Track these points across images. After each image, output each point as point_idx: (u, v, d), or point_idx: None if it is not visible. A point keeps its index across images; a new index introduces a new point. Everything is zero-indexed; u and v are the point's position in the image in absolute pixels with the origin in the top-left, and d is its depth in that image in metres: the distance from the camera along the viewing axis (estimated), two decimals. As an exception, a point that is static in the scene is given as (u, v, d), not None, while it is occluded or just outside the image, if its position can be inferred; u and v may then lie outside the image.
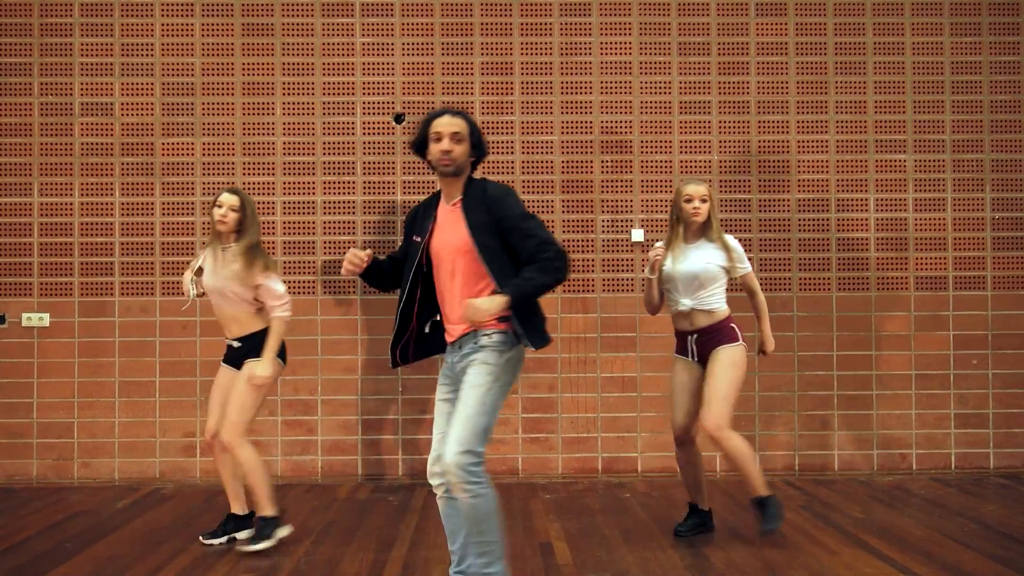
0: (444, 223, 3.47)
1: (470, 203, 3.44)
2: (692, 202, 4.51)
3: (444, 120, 3.44)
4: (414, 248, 3.51)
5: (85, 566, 4.21)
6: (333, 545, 4.55)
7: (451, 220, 3.46)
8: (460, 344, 3.44)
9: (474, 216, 3.40)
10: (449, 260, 3.42)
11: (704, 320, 4.53)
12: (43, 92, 6.15)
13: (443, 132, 3.41)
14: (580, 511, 5.21)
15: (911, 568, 4.09)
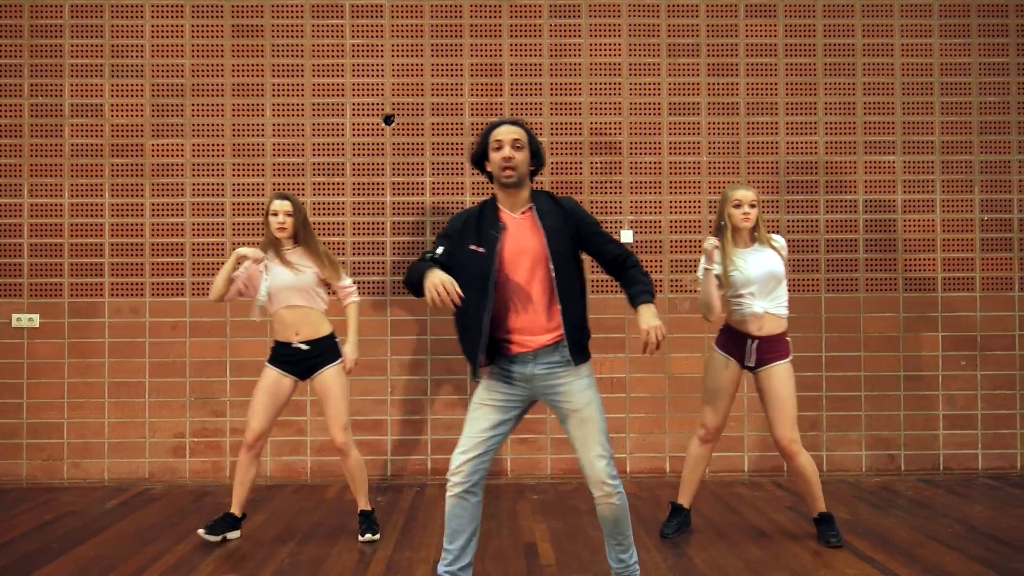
0: (517, 232, 3.45)
1: (542, 210, 3.47)
2: (741, 207, 4.46)
3: (503, 129, 3.47)
4: (478, 258, 3.41)
5: (69, 567, 4.22)
6: (318, 545, 4.56)
7: (525, 228, 3.45)
8: (536, 356, 3.43)
9: (547, 221, 3.44)
10: (527, 269, 3.41)
11: (773, 326, 4.48)
12: (33, 93, 6.17)
13: (504, 140, 3.43)
14: (567, 512, 5.22)
15: (893, 569, 4.10)
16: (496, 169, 3.45)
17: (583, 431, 3.45)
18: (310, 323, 4.60)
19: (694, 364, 6.17)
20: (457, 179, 6.21)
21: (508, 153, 3.41)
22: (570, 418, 3.46)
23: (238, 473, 4.67)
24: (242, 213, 6.14)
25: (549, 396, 3.48)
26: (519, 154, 3.44)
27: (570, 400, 3.44)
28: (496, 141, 3.45)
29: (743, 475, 6.14)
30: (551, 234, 3.42)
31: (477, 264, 3.41)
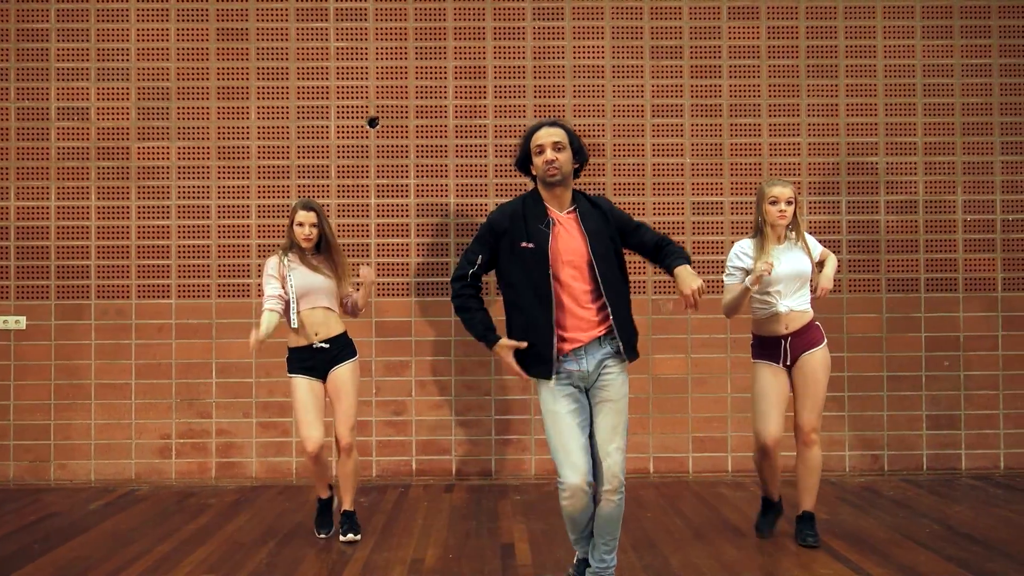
0: (566, 231, 3.50)
1: (584, 212, 3.54)
2: (778, 204, 4.39)
3: (543, 132, 3.51)
4: (530, 254, 3.45)
5: (48, 567, 4.25)
6: (298, 546, 4.59)
7: (572, 228, 3.51)
8: (587, 351, 3.49)
9: (589, 224, 3.51)
10: (574, 268, 3.47)
11: (799, 321, 4.46)
12: (19, 97, 6.21)
13: (545, 143, 3.49)
14: (547, 512, 5.24)
15: (866, 569, 4.12)
16: (541, 172, 3.50)
17: (613, 421, 3.52)
18: (328, 323, 4.64)
19: (678, 365, 6.20)
20: (441, 181, 6.24)
21: (551, 156, 3.47)
22: (604, 407, 3.53)
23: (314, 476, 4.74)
24: (228, 216, 6.18)
25: (598, 385, 3.54)
26: (562, 155, 3.49)
27: (610, 389, 3.52)
28: (537, 146, 3.50)
29: (727, 475, 6.16)
30: (593, 238, 3.49)
31: (530, 260, 3.46)
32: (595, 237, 3.50)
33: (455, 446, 6.16)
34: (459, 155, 6.25)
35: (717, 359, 6.21)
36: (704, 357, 6.23)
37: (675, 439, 6.21)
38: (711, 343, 6.21)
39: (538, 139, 3.50)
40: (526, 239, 3.47)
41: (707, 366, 6.21)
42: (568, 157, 3.51)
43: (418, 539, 4.71)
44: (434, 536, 4.76)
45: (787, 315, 4.43)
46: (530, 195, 3.59)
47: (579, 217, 3.52)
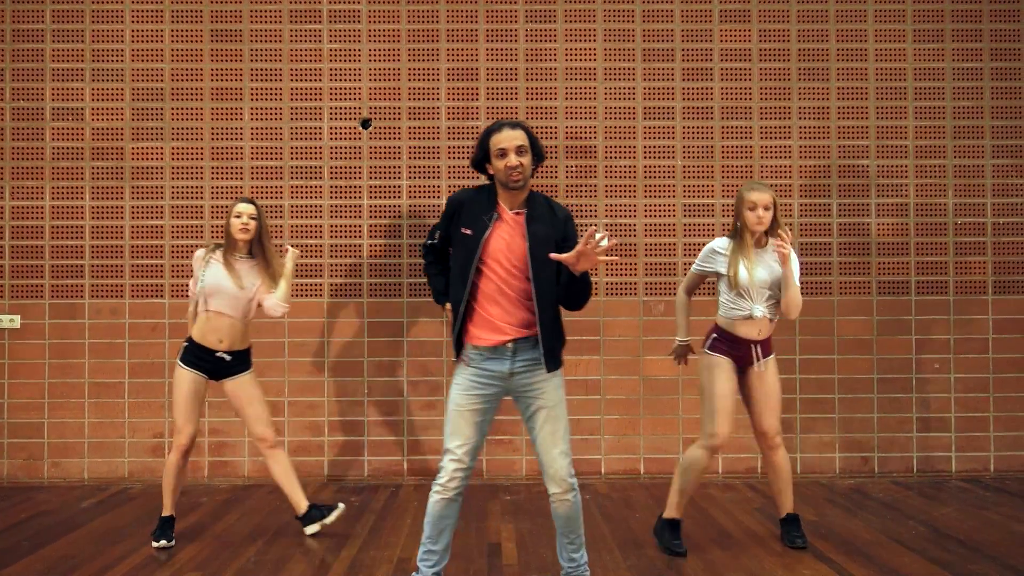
0: (507, 227, 3.50)
1: (533, 215, 3.51)
2: (756, 210, 4.32)
3: (506, 135, 3.46)
4: (467, 241, 3.49)
5: (36, 565, 4.28)
6: (285, 545, 4.61)
7: (515, 228, 3.50)
8: (515, 351, 3.49)
9: (535, 228, 3.48)
10: (510, 265, 3.47)
11: (768, 330, 4.45)
12: (14, 97, 6.24)
13: (508, 147, 3.44)
14: (536, 513, 5.27)
15: (849, 570, 4.14)
16: (503, 176, 3.46)
17: (552, 427, 3.53)
18: (236, 334, 4.62)
19: (668, 366, 6.19)
20: (434, 182, 6.27)
21: (515, 161, 3.43)
22: (539, 414, 3.54)
23: (174, 478, 4.61)
24: (221, 216, 6.20)
25: (523, 392, 3.54)
26: (524, 159, 3.46)
27: (544, 397, 3.52)
28: (499, 149, 3.45)
29: (717, 477, 6.18)
30: (535, 241, 3.46)
31: (465, 247, 3.50)
32: (537, 240, 3.46)
33: (446, 446, 6.18)
34: (451, 156, 6.28)
35: (707, 361, 6.22)
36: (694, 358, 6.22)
37: (665, 440, 6.23)
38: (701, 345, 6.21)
39: (500, 142, 3.45)
40: (467, 226, 3.50)
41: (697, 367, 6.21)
42: (530, 161, 3.49)
43: (406, 539, 4.73)
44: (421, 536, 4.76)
45: (760, 320, 4.41)
46: (489, 187, 3.59)
47: (526, 219, 3.50)
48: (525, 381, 3.52)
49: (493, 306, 3.48)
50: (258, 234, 4.63)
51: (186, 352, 4.62)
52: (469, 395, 3.51)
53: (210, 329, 4.58)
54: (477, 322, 3.50)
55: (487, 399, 3.53)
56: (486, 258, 3.47)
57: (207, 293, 4.55)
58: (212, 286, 4.54)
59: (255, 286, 4.59)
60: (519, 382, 3.52)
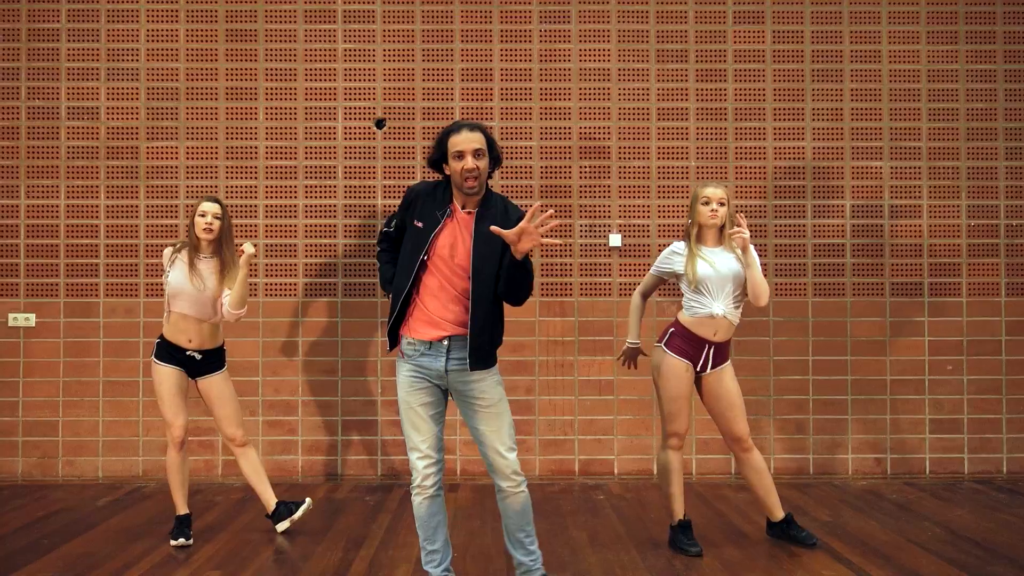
0: (456, 226, 3.51)
1: (484, 214, 3.50)
2: (710, 204, 4.37)
3: (464, 137, 3.43)
4: (418, 234, 3.50)
5: (56, 563, 4.30)
6: (304, 544, 4.62)
7: (463, 226, 3.50)
8: (449, 348, 3.50)
9: (483, 228, 3.46)
10: (454, 263, 3.48)
11: (726, 332, 4.43)
12: (30, 96, 6.26)
13: (465, 150, 3.42)
14: (551, 513, 5.28)
15: (867, 571, 4.15)
16: (458, 179, 3.44)
17: (495, 425, 3.53)
18: (204, 334, 4.64)
19: (681, 367, 6.22)
20: (448, 183, 6.27)
21: (471, 165, 3.41)
22: (480, 413, 3.54)
23: (179, 474, 4.66)
24: (236, 216, 6.22)
25: (461, 390, 3.55)
26: (481, 162, 3.45)
27: (483, 396, 3.53)
28: (457, 151, 3.42)
29: (729, 477, 6.19)
30: (481, 241, 3.46)
31: (414, 239, 3.51)
32: (483, 241, 3.45)
33: (459, 446, 6.19)
34: (465, 157, 6.28)
35: (721, 361, 6.23)
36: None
37: (678, 441, 6.23)
38: (715, 345, 6.23)
39: (458, 144, 3.42)
40: (420, 219, 3.50)
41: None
42: (486, 164, 3.48)
43: (423, 538, 4.74)
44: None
45: (718, 320, 4.37)
46: (446, 183, 3.58)
47: (476, 218, 3.49)
48: (461, 379, 3.52)
49: (433, 301, 3.50)
50: (222, 234, 4.61)
51: (159, 348, 4.67)
52: (414, 390, 3.53)
53: (178, 329, 4.61)
54: (416, 316, 3.52)
55: (431, 392, 3.55)
56: (432, 254, 3.48)
57: (171, 294, 4.59)
58: (175, 288, 4.56)
59: (215, 285, 4.59)
60: (455, 379, 3.53)
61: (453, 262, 3.48)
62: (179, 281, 4.56)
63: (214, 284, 4.58)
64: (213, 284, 4.58)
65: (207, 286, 4.57)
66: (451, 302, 3.50)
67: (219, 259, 4.62)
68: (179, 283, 4.56)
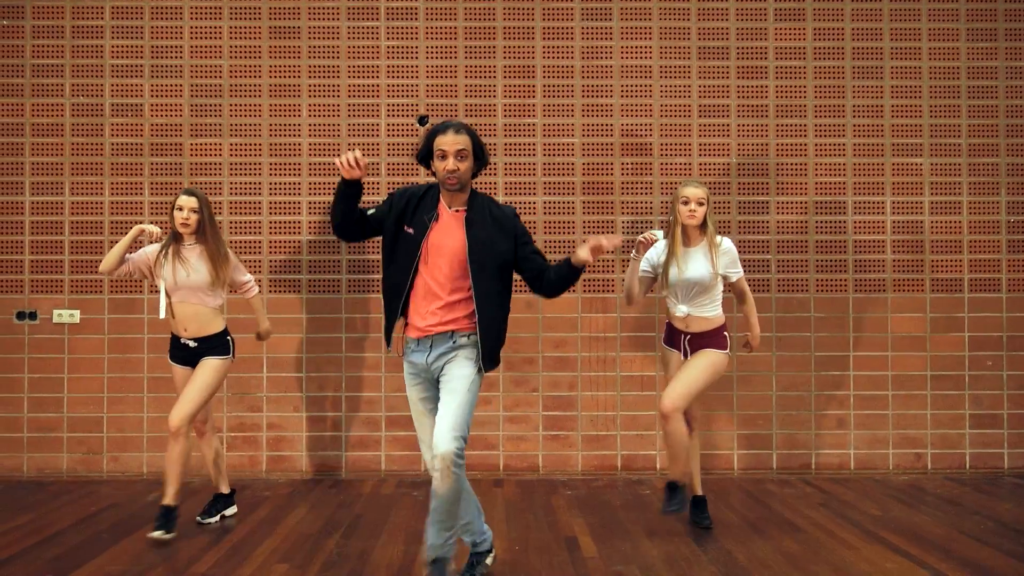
0: (446, 226, 3.61)
1: (473, 217, 3.62)
2: (688, 204, 4.52)
3: (449, 138, 3.56)
4: (408, 240, 3.60)
5: (122, 557, 4.32)
6: (363, 538, 4.65)
7: (454, 226, 3.61)
8: (433, 343, 3.59)
9: (475, 231, 3.59)
10: (445, 264, 3.58)
11: (699, 326, 4.62)
12: (75, 93, 6.27)
13: (448, 150, 3.55)
14: (601, 507, 5.31)
15: (930, 564, 4.17)
16: (441, 177, 3.59)
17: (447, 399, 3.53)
18: (199, 320, 4.70)
19: (723, 363, 6.25)
20: (490, 179, 6.30)
21: (452, 166, 3.54)
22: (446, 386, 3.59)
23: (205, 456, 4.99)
24: (279, 212, 6.24)
25: (442, 374, 3.63)
26: (463, 164, 3.57)
27: (449, 375, 3.59)
28: (440, 150, 3.55)
29: (771, 472, 6.22)
30: (474, 241, 3.58)
31: (406, 245, 3.60)
32: (477, 241, 3.58)
33: (503, 441, 6.22)
34: (508, 153, 6.32)
35: (763, 357, 6.27)
36: (749, 355, 6.27)
37: (719, 436, 6.27)
38: (756, 341, 6.27)
39: (443, 144, 3.55)
40: (409, 224, 3.59)
41: (753, 364, 6.27)
42: (469, 166, 3.59)
43: (480, 531, 4.77)
44: (495, 529, 4.78)
45: (685, 318, 4.61)
46: (434, 188, 3.69)
47: (466, 221, 3.60)
48: (438, 364, 3.63)
49: (423, 301, 3.61)
50: (200, 226, 4.70)
51: (170, 346, 4.85)
52: (412, 386, 3.71)
53: (176, 321, 4.72)
54: (411, 317, 3.65)
55: (427, 387, 3.68)
56: (428, 257, 3.59)
57: (170, 289, 4.69)
58: (172, 283, 4.67)
59: (205, 268, 4.68)
60: (435, 369, 3.64)
61: (443, 261, 3.58)
62: (169, 272, 4.67)
63: (204, 269, 4.67)
64: (203, 268, 4.67)
65: (196, 270, 4.66)
66: (445, 303, 3.59)
67: (204, 246, 4.71)
68: (169, 274, 4.67)
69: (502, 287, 3.68)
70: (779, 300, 6.30)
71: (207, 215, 4.72)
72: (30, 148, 6.26)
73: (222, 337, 4.78)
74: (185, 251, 4.70)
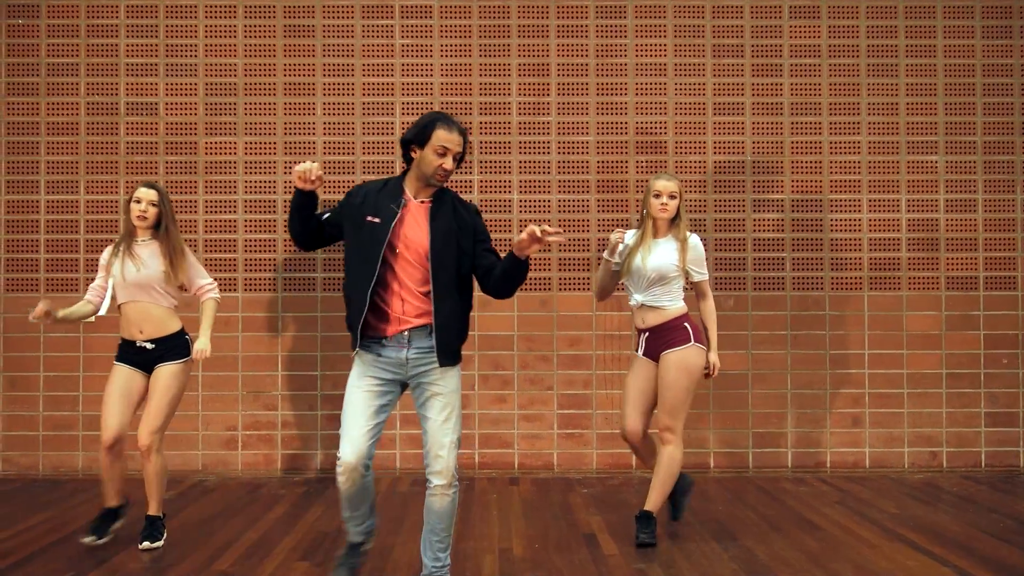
0: (413, 218, 3.54)
1: (437, 209, 3.55)
2: (660, 198, 4.44)
3: (456, 138, 3.51)
4: (373, 228, 3.49)
5: (141, 554, 4.33)
6: (382, 536, 4.62)
7: (419, 217, 3.54)
8: (409, 339, 3.51)
9: (439, 223, 3.53)
10: (414, 254, 3.51)
11: (654, 318, 4.47)
12: (90, 92, 6.28)
13: (452, 150, 3.50)
14: (618, 505, 5.30)
15: (952, 561, 4.17)
16: (431, 171, 3.50)
17: (446, 416, 3.53)
18: (154, 320, 4.45)
19: (738, 360, 6.25)
20: (505, 177, 6.30)
21: (450, 166, 3.51)
22: (434, 401, 3.53)
23: (104, 472, 4.48)
24: (293, 210, 6.24)
25: (419, 379, 3.54)
26: (455, 164, 3.54)
27: (440, 384, 3.53)
28: (442, 146, 3.48)
29: (787, 471, 6.21)
30: (437, 233, 3.51)
31: (372, 234, 3.49)
32: (439, 232, 3.51)
33: (518, 440, 6.22)
34: (522, 151, 6.31)
35: (778, 355, 6.26)
36: (764, 353, 6.28)
37: (735, 435, 6.27)
38: (772, 339, 6.27)
39: (447, 141, 3.48)
40: (374, 214, 3.50)
41: (767, 362, 6.27)
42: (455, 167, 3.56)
43: (499, 529, 4.77)
44: (514, 527, 4.82)
45: (640, 309, 4.50)
46: (395, 179, 3.63)
47: (430, 209, 3.54)
48: (421, 369, 3.52)
49: (392, 296, 3.51)
50: (158, 221, 4.48)
51: (118, 348, 4.52)
52: (365, 379, 3.53)
53: (129, 322, 4.45)
54: (378, 313, 3.52)
55: (383, 382, 3.54)
56: (396, 246, 3.49)
57: (119, 286, 4.43)
58: (118, 278, 4.42)
59: (158, 265, 4.44)
60: (414, 369, 3.53)
61: (411, 253, 3.51)
62: (120, 270, 4.42)
63: (158, 266, 4.43)
64: (157, 266, 4.43)
65: (150, 266, 4.42)
66: (410, 294, 3.51)
67: (160, 243, 4.48)
68: (120, 271, 4.41)
69: (460, 282, 3.58)
70: (794, 298, 6.29)
71: (166, 210, 4.49)
72: (45, 147, 6.27)
73: (180, 337, 4.52)
74: (138, 247, 4.46)
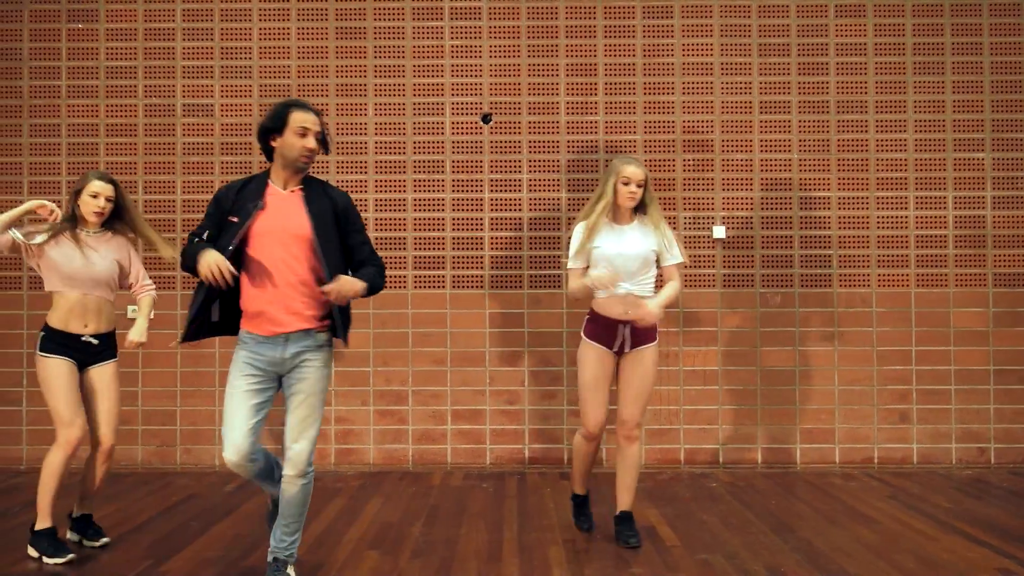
0: (279, 209, 3.52)
1: (311, 194, 3.57)
2: (629, 185, 4.27)
3: (311, 118, 3.53)
4: (230, 227, 3.49)
5: (215, 544, 4.44)
6: (444, 526, 4.74)
7: (289, 206, 3.53)
8: (288, 339, 3.53)
9: (315, 207, 3.54)
10: (284, 246, 3.49)
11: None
12: (147, 94, 6.42)
13: (312, 129, 3.53)
14: (672, 498, 5.37)
15: (1012, 553, 4.21)
16: (296, 153, 3.51)
17: (305, 413, 3.58)
18: (104, 316, 4.31)
19: (786, 357, 6.30)
20: (553, 176, 6.38)
21: (313, 144, 3.53)
22: (298, 399, 3.58)
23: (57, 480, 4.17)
24: (346, 209, 6.35)
25: (293, 374, 3.58)
26: (319, 145, 3.57)
27: (307, 382, 3.57)
28: (302, 127, 3.50)
29: (835, 466, 6.25)
30: (317, 219, 3.51)
31: (228, 235, 3.48)
32: (319, 219, 3.51)
33: (567, 435, 6.30)
34: (571, 151, 6.40)
35: (824, 351, 6.31)
36: (811, 350, 6.32)
37: (783, 431, 6.32)
38: (818, 336, 6.31)
39: (305, 121, 3.50)
40: (234, 214, 3.51)
41: (815, 358, 6.31)
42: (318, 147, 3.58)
43: (559, 519, 4.86)
44: (570, 519, 4.88)
45: (625, 298, 4.26)
46: (259, 176, 3.64)
47: (304, 196, 3.55)
48: (296, 362, 3.56)
49: (266, 295, 3.50)
50: (117, 213, 4.36)
51: (45, 341, 4.21)
52: (245, 377, 3.56)
53: (73, 315, 4.22)
54: (250, 311, 3.54)
55: (261, 379, 3.56)
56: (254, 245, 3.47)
57: (64, 276, 4.19)
58: (67, 269, 4.19)
59: (111, 258, 4.31)
60: (290, 365, 3.57)
61: (292, 244, 3.49)
62: (69, 259, 4.20)
63: (110, 257, 4.31)
64: (111, 258, 4.31)
65: (102, 255, 4.27)
66: (296, 293, 3.50)
67: (116, 236, 4.38)
68: (69, 261, 4.20)
69: (344, 267, 3.59)
70: (841, 295, 6.33)
71: (122, 203, 4.36)
72: (104, 148, 6.41)
73: (114, 336, 4.40)
74: (91, 239, 4.27)
